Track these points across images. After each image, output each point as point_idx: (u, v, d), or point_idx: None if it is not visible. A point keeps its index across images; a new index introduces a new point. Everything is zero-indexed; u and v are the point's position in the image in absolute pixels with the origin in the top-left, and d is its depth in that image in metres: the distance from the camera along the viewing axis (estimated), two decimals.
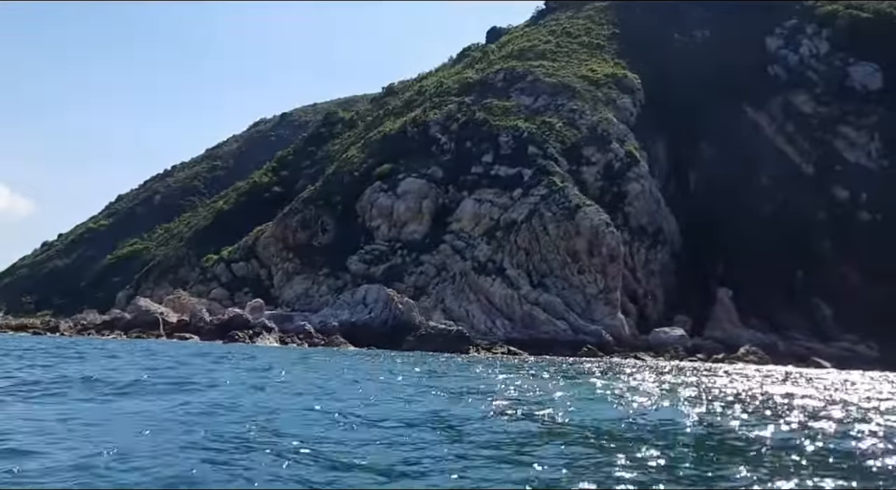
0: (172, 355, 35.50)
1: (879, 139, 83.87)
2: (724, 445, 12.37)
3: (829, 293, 76.01)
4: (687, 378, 31.99)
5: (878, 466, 10.61)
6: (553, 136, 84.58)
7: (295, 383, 21.40)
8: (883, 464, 10.77)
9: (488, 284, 69.09)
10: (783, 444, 12.32)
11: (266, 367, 28.37)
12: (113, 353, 37.00)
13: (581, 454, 10.86)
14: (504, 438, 12.00)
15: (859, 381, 37.30)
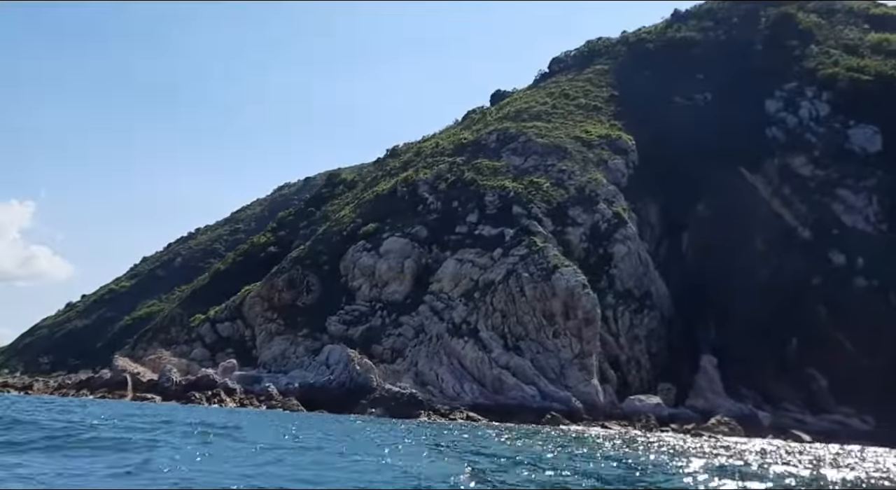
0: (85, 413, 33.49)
1: (878, 203, 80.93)
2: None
3: (824, 363, 72.16)
4: (604, 448, 29.18)
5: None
6: (539, 197, 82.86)
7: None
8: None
9: (460, 347, 66.62)
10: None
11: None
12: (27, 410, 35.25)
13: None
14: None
15: (816, 454, 34.10)
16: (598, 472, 17.71)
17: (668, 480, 17.23)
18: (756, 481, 18.48)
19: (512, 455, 22.45)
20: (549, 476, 17.04)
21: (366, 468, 16.75)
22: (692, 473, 19.90)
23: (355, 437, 28.42)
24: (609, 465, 20.96)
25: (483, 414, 57.74)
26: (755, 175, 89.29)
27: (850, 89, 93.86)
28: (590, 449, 27.61)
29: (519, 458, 20.73)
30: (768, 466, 24.33)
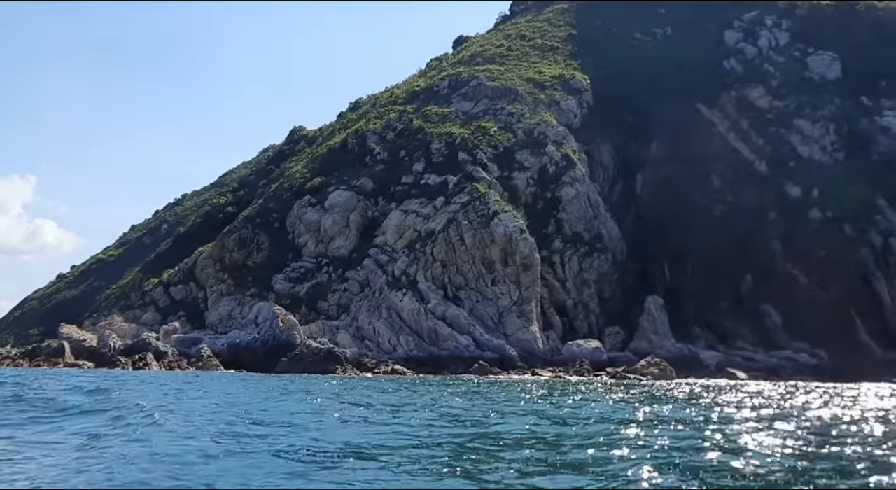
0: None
1: (834, 132, 78.35)
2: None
3: (778, 299, 70.32)
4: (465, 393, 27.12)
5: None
6: (486, 142, 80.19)
7: None
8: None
9: (398, 299, 64.68)
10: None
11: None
12: None
13: None
14: None
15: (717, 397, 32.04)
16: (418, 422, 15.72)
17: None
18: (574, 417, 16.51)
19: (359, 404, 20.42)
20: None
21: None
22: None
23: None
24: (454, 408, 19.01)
25: (415, 367, 56.01)
26: (712, 110, 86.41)
27: (809, 16, 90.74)
28: (469, 396, 25.73)
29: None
30: (622, 404, 22.30)
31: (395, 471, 10.15)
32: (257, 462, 10.88)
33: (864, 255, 67.78)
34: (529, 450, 12.33)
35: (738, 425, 16.62)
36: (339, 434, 14.48)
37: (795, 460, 11.30)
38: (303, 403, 22.32)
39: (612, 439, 13.55)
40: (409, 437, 13.88)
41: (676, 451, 11.99)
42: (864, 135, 77.53)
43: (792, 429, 16.15)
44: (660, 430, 14.96)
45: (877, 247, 67.95)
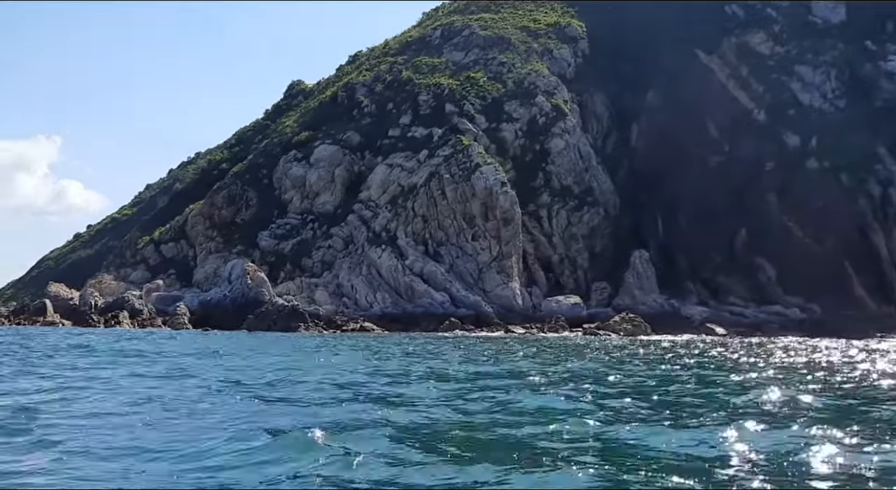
0: None
1: (836, 78, 75.06)
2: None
3: (773, 252, 68.09)
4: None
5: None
6: (474, 93, 77.78)
7: None
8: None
9: (377, 256, 63.21)
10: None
11: None
12: None
13: None
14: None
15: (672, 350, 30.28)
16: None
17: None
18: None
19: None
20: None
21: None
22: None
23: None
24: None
25: (388, 324, 54.70)
26: (711, 56, 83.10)
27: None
28: (416, 355, 24.29)
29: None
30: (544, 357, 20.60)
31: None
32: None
33: (862, 207, 65.23)
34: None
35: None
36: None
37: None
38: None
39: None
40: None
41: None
42: (867, 81, 74.19)
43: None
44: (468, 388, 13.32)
45: (875, 197, 65.33)
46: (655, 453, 7.40)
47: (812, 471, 6.75)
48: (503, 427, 8.82)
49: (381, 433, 8.07)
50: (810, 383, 15.33)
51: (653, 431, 8.51)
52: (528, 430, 8.55)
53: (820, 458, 7.06)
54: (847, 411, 11.05)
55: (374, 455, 6.97)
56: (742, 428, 8.62)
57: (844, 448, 7.68)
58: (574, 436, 8.22)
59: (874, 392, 13.77)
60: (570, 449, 7.50)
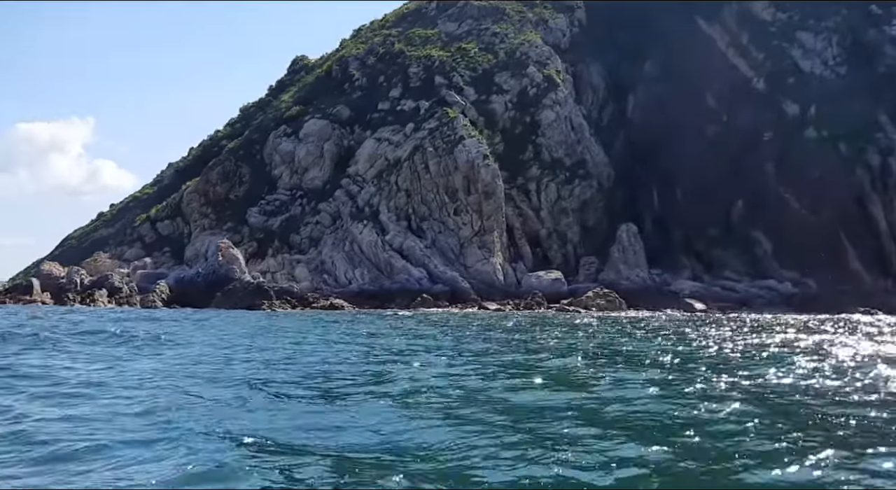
0: None
1: (837, 44, 72.23)
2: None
3: (769, 225, 66.04)
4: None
5: None
6: (464, 64, 76.02)
7: None
8: None
9: (358, 231, 62.16)
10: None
11: None
12: None
13: None
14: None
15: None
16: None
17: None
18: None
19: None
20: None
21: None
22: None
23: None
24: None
25: (363, 300, 53.74)
26: (711, 24, 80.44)
27: None
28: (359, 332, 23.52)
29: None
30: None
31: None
32: None
33: (860, 177, 62.84)
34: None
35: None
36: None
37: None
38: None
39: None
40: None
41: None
42: (870, 46, 71.33)
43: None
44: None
45: (874, 167, 62.92)
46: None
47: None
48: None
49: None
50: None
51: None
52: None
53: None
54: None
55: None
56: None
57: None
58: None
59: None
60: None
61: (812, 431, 8.13)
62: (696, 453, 7.11)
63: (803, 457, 6.85)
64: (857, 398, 10.52)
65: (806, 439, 7.68)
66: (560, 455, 6.96)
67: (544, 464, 6.70)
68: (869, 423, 8.69)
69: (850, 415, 9.04)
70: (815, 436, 7.87)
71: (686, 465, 6.67)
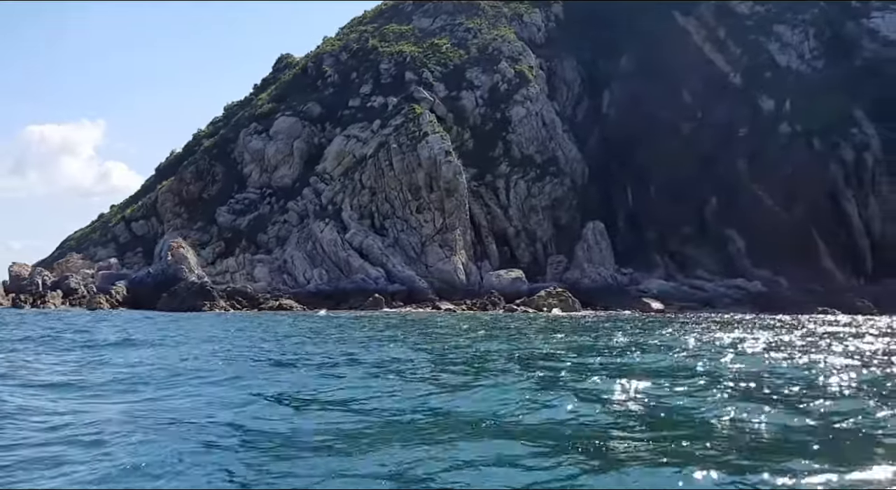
0: None
1: (814, 37, 70.67)
2: None
3: (742, 223, 64.62)
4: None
5: None
6: (435, 60, 74.74)
7: None
8: None
9: (319, 230, 60.93)
10: None
11: None
12: None
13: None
14: None
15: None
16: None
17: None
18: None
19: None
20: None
21: None
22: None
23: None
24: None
25: (320, 301, 52.50)
26: (688, 18, 78.94)
27: None
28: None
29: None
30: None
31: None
32: None
33: (833, 172, 61.30)
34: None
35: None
36: None
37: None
38: None
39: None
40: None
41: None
42: (848, 40, 69.78)
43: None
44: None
45: (848, 162, 61.40)
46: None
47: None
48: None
49: None
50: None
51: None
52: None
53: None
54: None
55: None
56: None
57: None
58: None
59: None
60: None
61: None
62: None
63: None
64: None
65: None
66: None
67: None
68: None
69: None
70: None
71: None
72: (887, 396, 9.98)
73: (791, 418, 8.33)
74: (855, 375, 12.21)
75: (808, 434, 7.65)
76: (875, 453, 6.94)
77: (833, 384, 11.24)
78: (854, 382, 11.43)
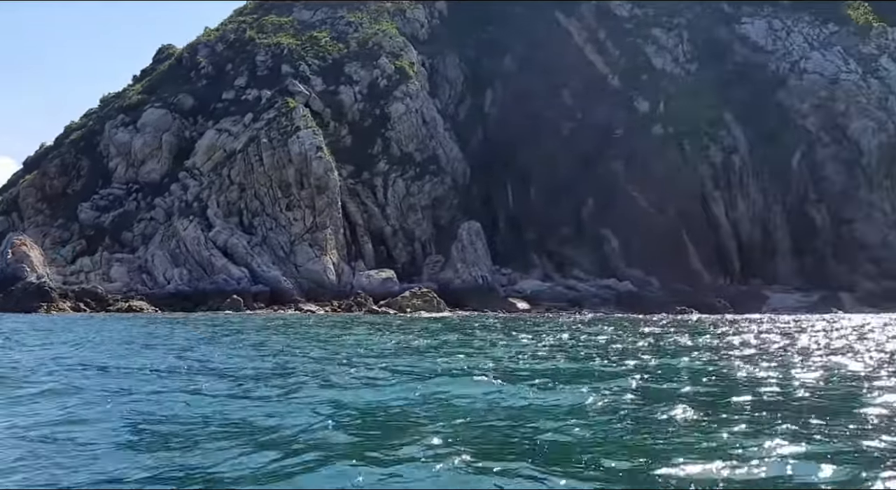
0: None
1: (689, 41, 72.00)
2: None
3: (618, 223, 64.97)
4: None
5: None
6: (313, 53, 72.51)
7: None
8: None
9: (183, 228, 57.91)
10: None
11: None
12: None
13: None
14: None
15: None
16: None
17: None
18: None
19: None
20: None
21: None
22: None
23: None
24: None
25: (179, 302, 49.74)
26: (570, 19, 79.25)
27: None
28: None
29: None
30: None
31: None
32: None
33: (703, 174, 62.32)
34: None
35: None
36: None
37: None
38: None
39: None
40: None
41: None
42: (721, 44, 71.39)
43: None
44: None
45: (716, 164, 62.58)
46: None
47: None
48: None
49: None
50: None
51: None
52: None
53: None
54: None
55: None
56: None
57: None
58: None
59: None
60: None
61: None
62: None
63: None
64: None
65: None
66: None
67: None
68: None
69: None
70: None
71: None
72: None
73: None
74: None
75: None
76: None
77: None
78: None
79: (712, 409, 9.35)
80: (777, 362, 15.33)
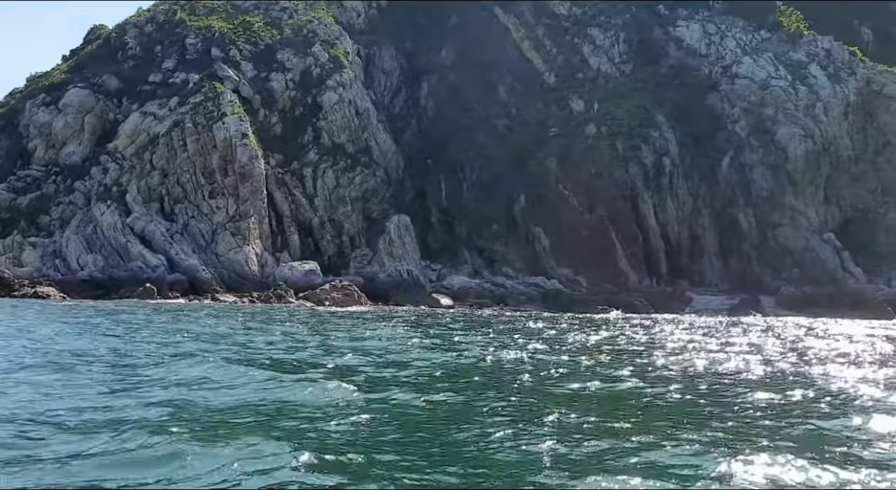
0: None
1: (625, 42, 72.22)
2: None
3: (548, 221, 64.78)
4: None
5: None
6: (244, 38, 70.71)
7: None
8: None
9: (100, 213, 55.79)
10: None
11: None
12: None
13: None
14: None
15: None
16: None
17: None
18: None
19: None
20: None
21: None
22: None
23: None
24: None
25: (91, 289, 47.77)
26: (509, 15, 78.76)
27: None
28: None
29: None
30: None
31: None
32: None
33: (633, 175, 62.47)
34: None
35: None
36: None
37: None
38: None
39: None
40: None
41: None
42: (656, 46, 71.82)
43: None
44: None
45: (647, 165, 62.73)
46: None
47: None
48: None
49: None
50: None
51: None
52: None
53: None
54: None
55: None
56: None
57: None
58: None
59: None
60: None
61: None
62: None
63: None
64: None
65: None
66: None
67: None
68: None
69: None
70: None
71: None
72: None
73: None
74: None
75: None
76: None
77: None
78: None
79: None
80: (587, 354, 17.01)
